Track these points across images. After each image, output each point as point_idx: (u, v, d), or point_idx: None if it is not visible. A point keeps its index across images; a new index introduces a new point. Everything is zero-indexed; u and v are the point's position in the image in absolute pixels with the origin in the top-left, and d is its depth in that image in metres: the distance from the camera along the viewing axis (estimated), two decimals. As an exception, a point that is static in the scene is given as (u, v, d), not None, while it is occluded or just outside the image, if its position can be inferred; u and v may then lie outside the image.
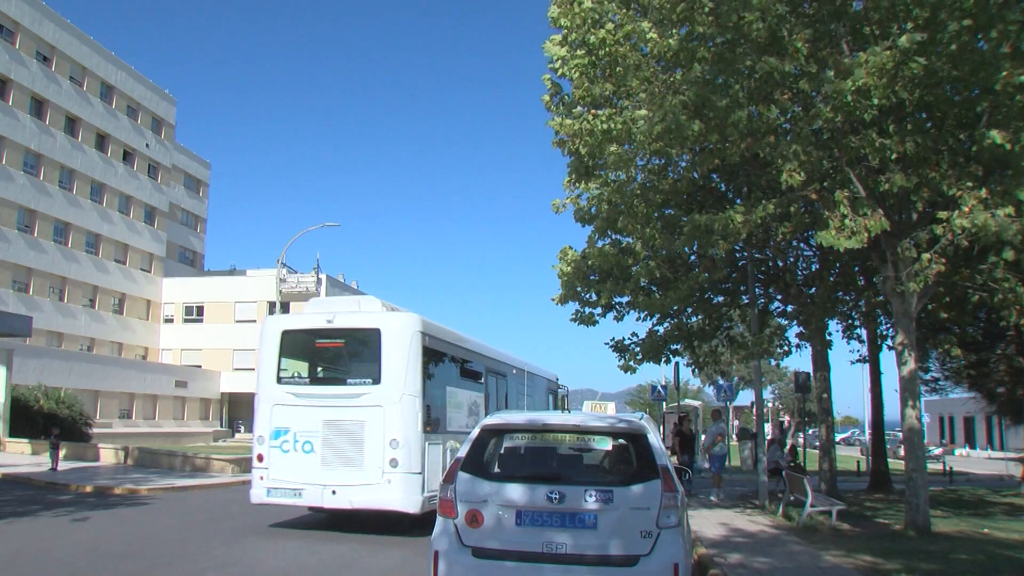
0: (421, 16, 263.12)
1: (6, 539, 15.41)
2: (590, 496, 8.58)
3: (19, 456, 32.29)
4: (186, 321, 77.22)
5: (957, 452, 70.86)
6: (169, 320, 77.26)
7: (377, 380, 17.07)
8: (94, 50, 66.79)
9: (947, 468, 40.46)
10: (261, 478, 17.40)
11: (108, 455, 33.63)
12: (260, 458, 17.59)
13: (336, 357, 19.02)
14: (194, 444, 56.02)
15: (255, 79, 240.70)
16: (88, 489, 24.40)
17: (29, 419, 36.45)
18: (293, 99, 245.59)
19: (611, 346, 24.13)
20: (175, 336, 76.82)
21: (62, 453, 29.50)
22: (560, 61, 16.67)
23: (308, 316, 19.37)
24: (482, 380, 22.45)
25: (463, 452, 9.28)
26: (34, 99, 60.21)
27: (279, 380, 18.19)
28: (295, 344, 18.74)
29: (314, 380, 18.49)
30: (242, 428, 76.54)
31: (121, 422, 60.69)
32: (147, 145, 74.01)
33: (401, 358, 17.19)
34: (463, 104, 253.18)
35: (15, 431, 34.83)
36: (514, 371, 25.62)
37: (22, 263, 58.89)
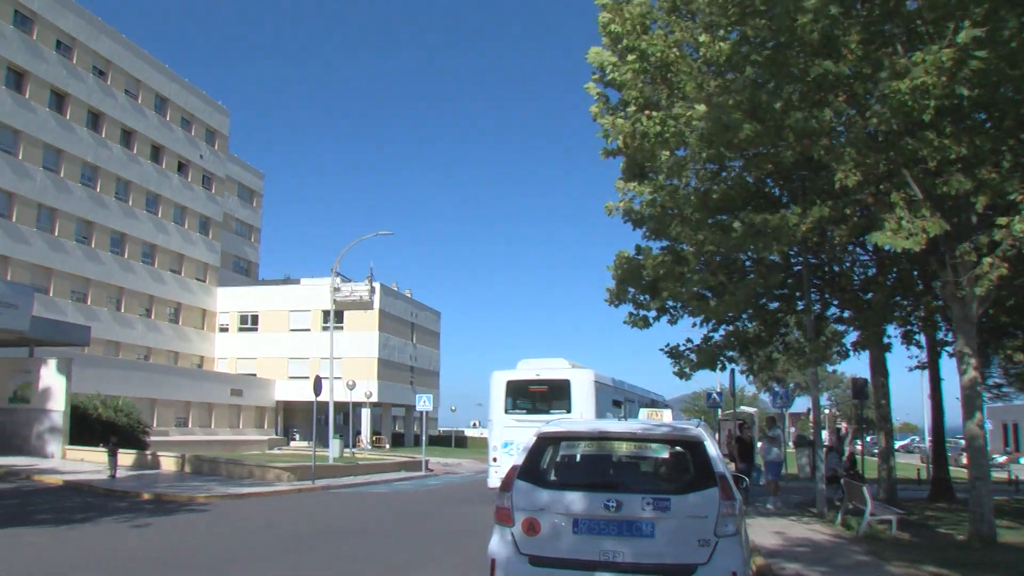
0: (473, 22, 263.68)
1: (67, 545, 15.51)
2: (647, 504, 8.40)
3: (79, 463, 32.60)
4: (241, 330, 77.86)
5: (1023, 460, 69.45)
6: (224, 329, 77.97)
7: (569, 410, 26.96)
8: (148, 63, 67.59)
9: (1012, 477, 39.50)
10: (496, 472, 26.82)
11: (166, 463, 33.89)
12: (495, 460, 27.63)
13: (542, 396, 28.54)
14: (249, 452, 56.25)
15: (308, 88, 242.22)
16: (147, 496, 24.55)
17: (88, 427, 36.78)
18: (346, 107, 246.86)
19: (666, 352, 23.87)
20: (230, 345, 77.50)
21: (120, 461, 29.72)
22: (611, 66, 16.52)
23: (522, 371, 29.20)
24: (621, 405, 32.62)
25: (519, 460, 9.11)
26: (91, 112, 61.00)
27: (506, 411, 28.33)
28: (515, 388, 28.83)
29: (528, 411, 27.89)
30: (297, 436, 77.00)
31: (178, 430, 61.26)
32: (201, 156, 74.76)
33: (583, 396, 27.53)
34: (515, 108, 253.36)
35: (75, 439, 35.17)
36: (637, 396, 35.85)
37: (80, 274, 59.67)
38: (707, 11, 15.19)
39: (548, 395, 28.18)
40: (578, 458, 10.60)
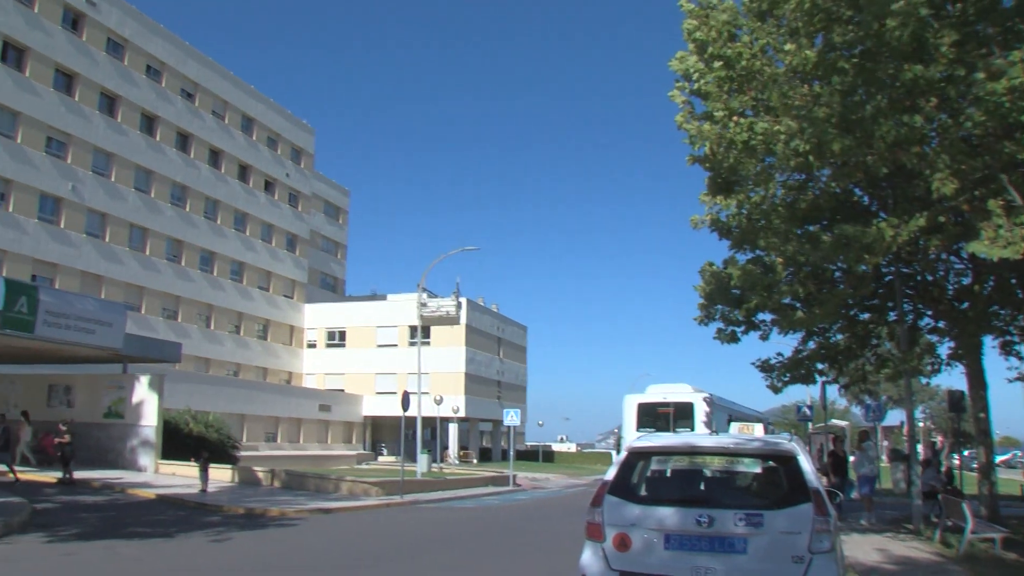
0: (554, 33, 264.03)
1: (162, 557, 15.68)
2: (739, 520, 8.27)
3: (171, 477, 33.03)
4: (329, 346, 78.62)
5: None
6: (312, 345, 78.81)
7: (693, 429, 30.30)
8: (235, 85, 68.85)
9: None
10: None
11: (256, 478, 34.23)
12: None
13: (668, 417, 31.79)
14: (338, 467, 56.76)
15: (391, 105, 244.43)
16: (238, 511, 24.70)
17: (180, 442, 37.30)
18: (429, 123, 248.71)
19: (757, 366, 23.56)
20: (318, 361, 78.29)
21: (211, 475, 30.07)
22: (697, 74, 16.37)
23: (651, 394, 33.88)
24: (730, 422, 33.77)
25: (610, 475, 9.06)
26: (180, 134, 62.27)
27: (637, 428, 31.11)
28: (645, 410, 32.83)
29: (657, 430, 29.13)
30: (385, 451, 77.46)
31: (267, 445, 62.00)
32: (287, 174, 75.80)
33: (704, 416, 31.56)
34: (598, 120, 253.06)
35: (167, 454, 35.67)
36: (746, 414, 39.13)
37: (171, 291, 60.81)
38: (792, 17, 14.96)
39: (674, 416, 32.07)
40: (668, 473, 10.53)
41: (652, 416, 32.67)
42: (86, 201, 53.38)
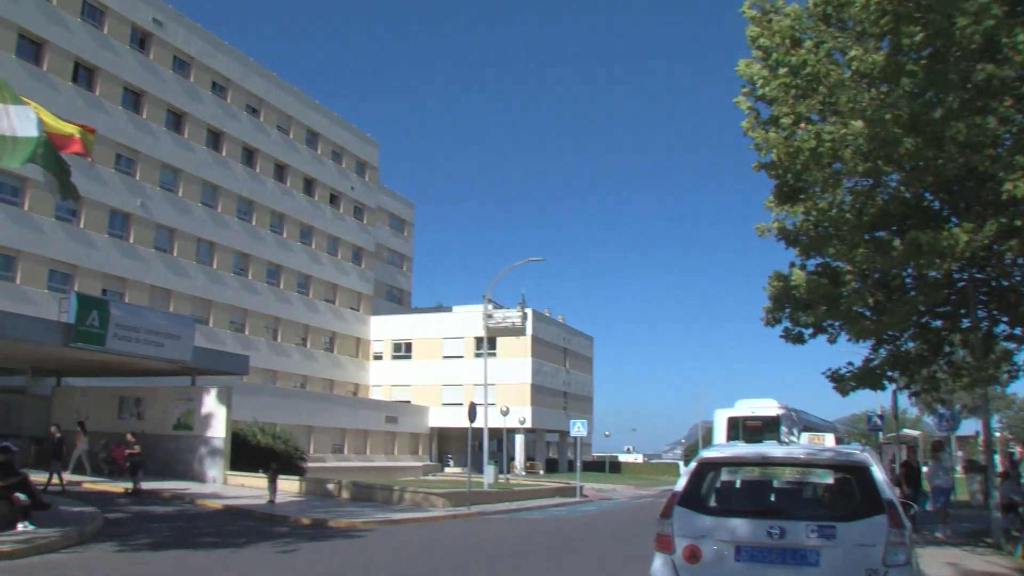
0: (618, 43, 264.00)
1: (232, 567, 15.78)
2: (812, 532, 8.10)
3: (239, 488, 33.31)
4: (395, 358, 78.92)
5: None
6: (378, 357, 79.17)
7: (779, 440, 29.61)
8: (299, 100, 69.52)
9: None
10: None
11: (323, 489, 34.38)
12: None
13: (756, 429, 33.29)
14: (404, 478, 56.87)
15: (455, 118, 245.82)
16: (306, 521, 24.81)
17: (248, 453, 37.61)
18: (493, 134, 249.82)
19: (828, 376, 23.16)
20: (384, 372, 78.64)
21: (279, 486, 30.26)
22: (761, 80, 16.17)
23: (740, 409, 35.55)
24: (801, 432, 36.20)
25: (680, 486, 8.94)
26: (245, 149, 63.00)
27: (727, 441, 32.06)
28: (734, 424, 34.75)
29: (745, 441, 30.03)
30: (451, 462, 77.50)
31: (334, 456, 62.32)
32: (352, 188, 76.34)
33: (788, 429, 32.88)
34: (663, 127, 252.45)
35: (235, 465, 35.98)
36: (823, 425, 40.53)
37: (238, 305, 61.44)
38: (859, 19, 14.70)
39: (761, 429, 33.52)
40: (738, 484, 10.41)
41: (741, 429, 34.42)
42: (154, 216, 54.15)
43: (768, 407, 36.07)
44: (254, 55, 69.18)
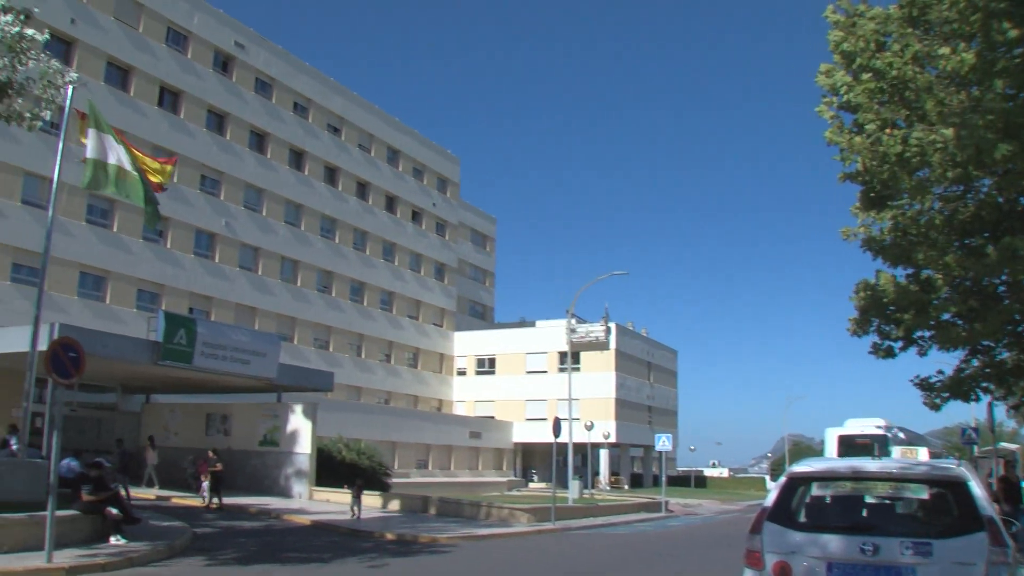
0: (703, 55, 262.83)
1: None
2: (907, 549, 7.83)
3: (324, 504, 33.47)
4: (478, 373, 79.06)
5: None
6: (462, 373, 79.36)
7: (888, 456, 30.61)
8: (379, 118, 70.12)
9: None
10: None
11: (407, 504, 34.41)
12: None
13: (866, 448, 33.98)
14: (488, 493, 56.82)
15: (535, 132, 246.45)
16: (391, 537, 24.80)
17: (332, 469, 37.80)
18: (573, 148, 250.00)
19: (916, 384, 22.57)
20: (468, 388, 78.79)
21: (364, 502, 30.31)
22: (845, 87, 15.81)
23: (850, 428, 36.86)
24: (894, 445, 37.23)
25: (769, 501, 8.74)
26: (327, 168, 63.65)
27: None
28: (845, 442, 35.43)
29: (873, 458, 33.12)
30: (535, 477, 77.35)
31: (418, 472, 62.51)
32: (433, 204, 76.74)
33: (895, 446, 34.17)
34: (744, 137, 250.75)
35: (320, 480, 36.18)
36: (925, 441, 41.56)
37: (322, 322, 62.00)
38: (947, 18, 14.27)
39: (869, 447, 34.50)
40: (828, 499, 10.12)
41: (851, 447, 34.91)
42: (239, 236, 54.92)
43: (875, 426, 37.36)
44: (334, 75, 70.09)
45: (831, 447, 36.87)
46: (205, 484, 30.11)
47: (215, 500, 29.71)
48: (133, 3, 48.83)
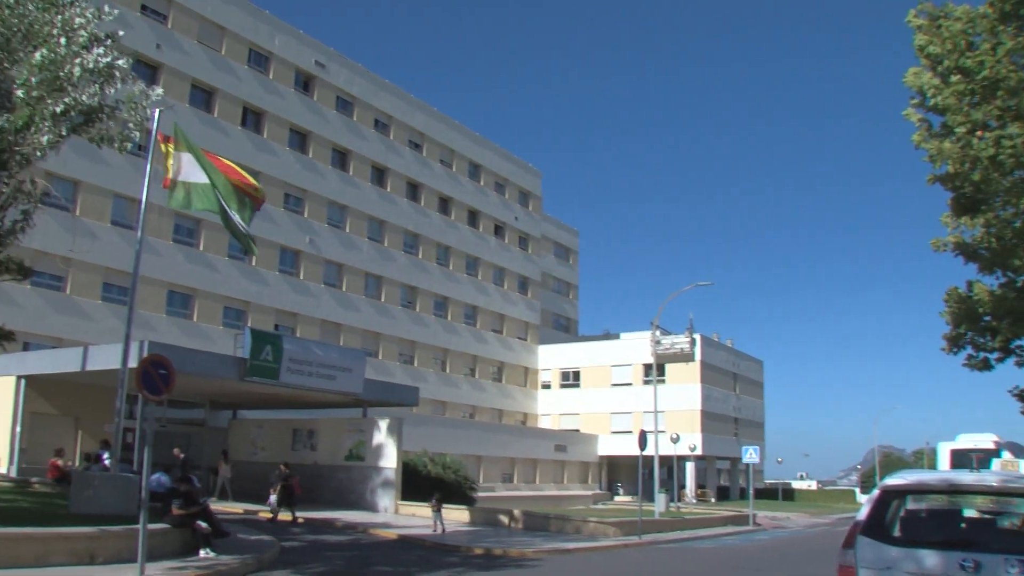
0: (783, 66, 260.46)
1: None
2: (1012, 567, 7.47)
3: (410, 518, 33.53)
4: (563, 386, 78.84)
5: None
6: (546, 386, 79.24)
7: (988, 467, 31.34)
8: (461, 133, 70.51)
9: None
10: None
11: (493, 518, 34.34)
12: None
13: (980, 461, 33.15)
14: (574, 507, 56.59)
15: (616, 144, 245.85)
16: (477, 551, 24.73)
17: (418, 483, 37.87)
18: (654, 159, 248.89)
19: (1015, 394, 21.99)
20: (553, 401, 78.62)
21: (450, 516, 30.29)
22: (932, 90, 15.47)
23: (963, 443, 36.19)
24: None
25: (863, 515, 8.45)
26: (409, 183, 64.13)
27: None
28: (957, 456, 34.91)
29: (971, 470, 30.96)
30: (621, 491, 76.83)
31: (503, 486, 62.40)
32: (516, 218, 76.87)
33: (1010, 461, 33.72)
34: (827, 146, 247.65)
35: (405, 495, 36.26)
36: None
37: (407, 337, 62.40)
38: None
39: (984, 461, 34.05)
40: (923, 514, 9.72)
41: (964, 462, 34.53)
42: (323, 253, 55.54)
43: (988, 441, 36.82)
44: (414, 92, 70.64)
45: (943, 461, 36.32)
46: (273, 498, 30.24)
47: (289, 513, 29.70)
48: (216, 26, 49.83)
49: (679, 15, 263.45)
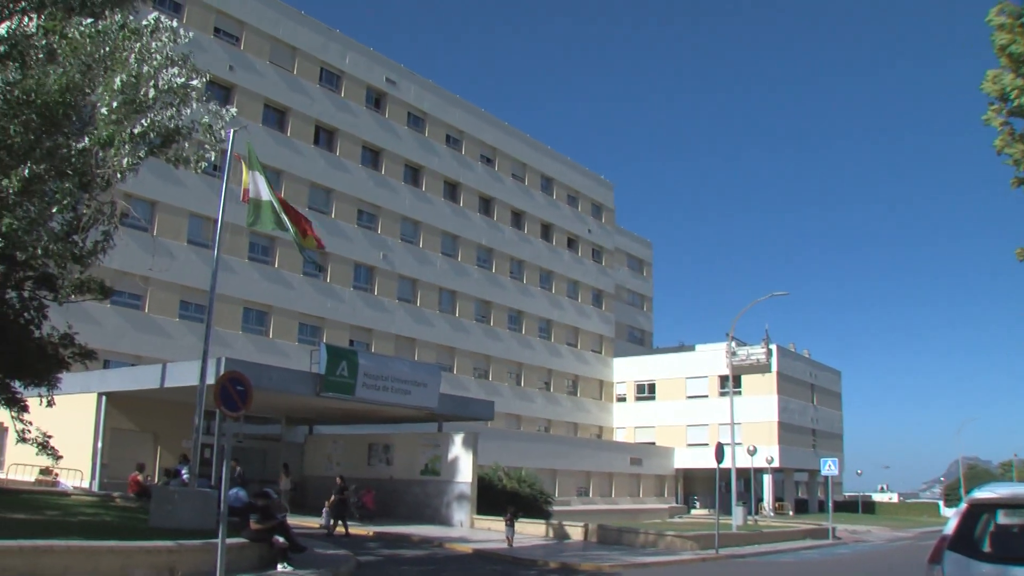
0: (855, 73, 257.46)
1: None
2: None
3: (486, 532, 33.43)
4: (638, 399, 78.52)
5: None
6: (622, 399, 78.98)
7: None
8: (532, 147, 70.67)
9: None
10: None
11: (570, 532, 34.18)
12: None
13: None
14: (650, 520, 56.18)
15: (687, 155, 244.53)
16: (553, 565, 24.61)
17: (493, 498, 37.80)
18: (726, 170, 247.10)
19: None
20: (628, 414, 78.32)
21: (527, 530, 30.19)
22: (1016, 91, 15.18)
23: None
24: None
25: (949, 529, 8.21)
26: (481, 198, 64.46)
27: None
28: None
29: None
30: (697, 504, 76.19)
31: (579, 499, 62.18)
32: (589, 231, 76.79)
33: None
34: (905, 152, 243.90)
35: (481, 509, 36.20)
36: None
37: (481, 351, 62.60)
38: None
39: None
40: (1016, 528, 9.30)
41: None
42: (397, 268, 55.97)
43: None
44: (485, 107, 70.99)
45: None
46: (325, 511, 30.35)
47: (340, 527, 29.65)
48: (287, 47, 50.59)
49: (747, 25, 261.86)
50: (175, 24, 18.48)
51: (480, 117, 65.11)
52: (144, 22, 17.51)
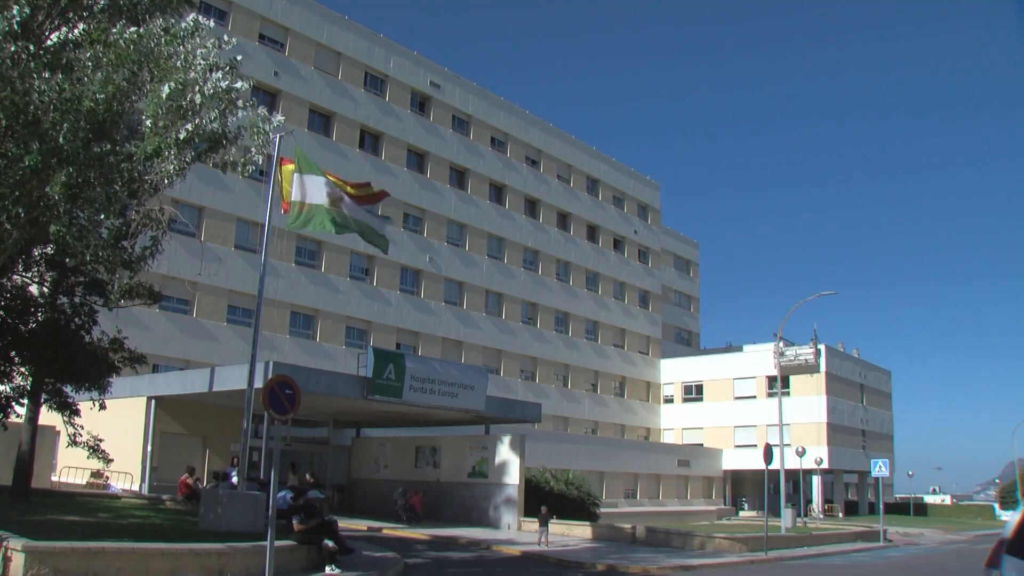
0: (906, 75, 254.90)
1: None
2: None
3: (533, 535, 33.31)
4: (685, 400, 78.15)
5: None
6: (669, 400, 78.65)
7: None
8: (577, 148, 70.60)
9: None
10: None
11: (617, 534, 34.09)
12: None
13: None
14: (698, 522, 55.89)
15: (733, 154, 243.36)
16: (600, 567, 24.62)
17: (541, 500, 37.71)
18: (773, 168, 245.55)
19: None
20: (675, 415, 77.98)
21: (575, 532, 30.13)
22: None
23: None
24: None
25: (1009, 532, 7.80)
26: (527, 200, 64.44)
27: None
28: None
29: None
30: (746, 506, 75.68)
31: (626, 501, 61.91)
32: (635, 231, 76.57)
33: None
34: (954, 149, 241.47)
35: (528, 511, 36.16)
36: None
37: (528, 353, 62.58)
38: None
39: None
40: None
41: None
42: (443, 271, 56.11)
43: None
44: (530, 109, 70.96)
45: None
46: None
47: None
48: (332, 52, 50.93)
49: (798, 23, 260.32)
50: (220, 32, 18.64)
51: (525, 119, 65.12)
52: (183, 24, 17.66)
